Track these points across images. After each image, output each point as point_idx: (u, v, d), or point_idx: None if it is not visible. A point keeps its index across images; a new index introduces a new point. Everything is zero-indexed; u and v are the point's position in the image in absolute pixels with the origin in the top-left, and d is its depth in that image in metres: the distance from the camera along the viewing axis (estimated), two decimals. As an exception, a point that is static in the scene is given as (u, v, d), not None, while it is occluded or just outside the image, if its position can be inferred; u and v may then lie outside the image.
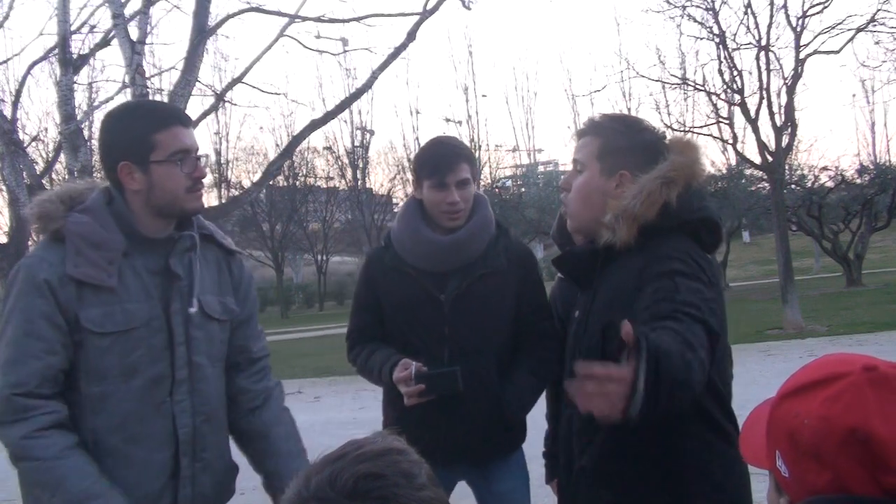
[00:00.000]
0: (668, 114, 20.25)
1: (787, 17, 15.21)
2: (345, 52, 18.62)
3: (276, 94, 26.22)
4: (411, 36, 12.43)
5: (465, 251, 2.63)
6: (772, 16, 15.13)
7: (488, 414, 2.59)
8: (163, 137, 2.03)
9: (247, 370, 2.28)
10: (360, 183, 34.84)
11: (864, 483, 1.08)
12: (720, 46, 15.47)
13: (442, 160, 2.61)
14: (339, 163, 36.65)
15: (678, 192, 1.97)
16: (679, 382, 1.58)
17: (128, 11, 14.03)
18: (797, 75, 15.15)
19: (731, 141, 16.89)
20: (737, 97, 15.74)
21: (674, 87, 18.06)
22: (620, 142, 2.05)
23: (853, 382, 1.12)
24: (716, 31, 15.43)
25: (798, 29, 15.15)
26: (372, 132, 37.24)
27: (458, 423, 2.56)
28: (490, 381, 2.60)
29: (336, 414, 10.21)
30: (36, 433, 1.89)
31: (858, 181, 23.96)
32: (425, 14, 12.42)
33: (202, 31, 12.34)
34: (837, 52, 15.90)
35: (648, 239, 1.96)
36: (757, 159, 16.05)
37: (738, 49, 15.74)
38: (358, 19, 13.94)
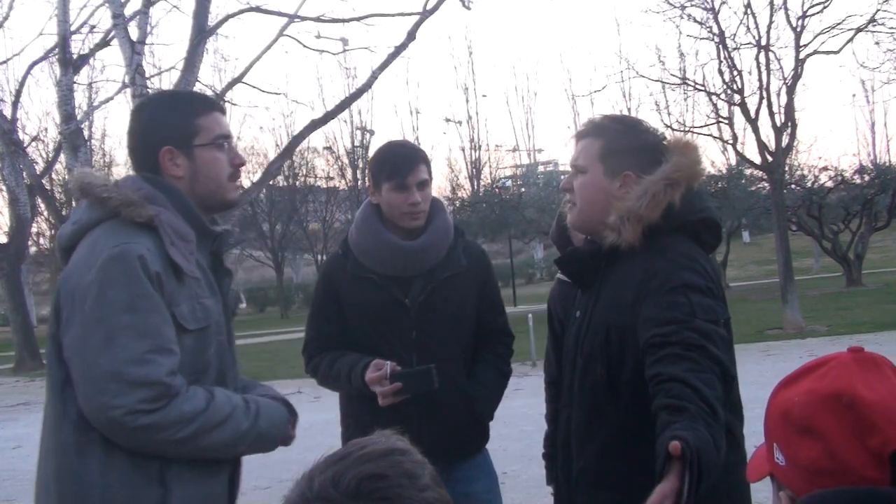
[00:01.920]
0: (668, 114, 20.22)
1: (787, 17, 15.22)
2: (345, 51, 18.65)
3: (276, 94, 26.26)
4: (411, 36, 12.44)
5: (430, 256, 2.64)
6: (772, 16, 15.13)
7: (460, 414, 2.61)
8: (205, 121, 2.01)
9: None
10: (360, 183, 34.81)
11: (853, 449, 1.12)
12: (720, 46, 15.46)
13: (402, 161, 2.62)
14: (339, 163, 36.70)
15: (681, 193, 1.98)
16: (715, 466, 1.64)
17: (128, 11, 14.01)
18: (797, 75, 15.14)
19: (731, 141, 16.88)
20: (737, 97, 15.72)
21: (674, 87, 18.04)
22: (623, 142, 2.05)
23: (840, 361, 1.21)
24: (715, 31, 15.42)
25: (798, 29, 15.15)
26: (372, 132, 37.29)
27: (431, 427, 2.54)
28: (461, 381, 2.64)
29: (336, 414, 10.16)
30: (195, 400, 1.83)
31: (858, 181, 23.94)
32: (425, 14, 12.43)
33: (202, 31, 12.33)
34: (837, 52, 15.86)
35: (652, 240, 1.96)
36: (757, 159, 16.05)
37: (738, 49, 15.74)
38: (358, 19, 13.94)
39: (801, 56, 15.15)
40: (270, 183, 26.53)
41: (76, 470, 1.83)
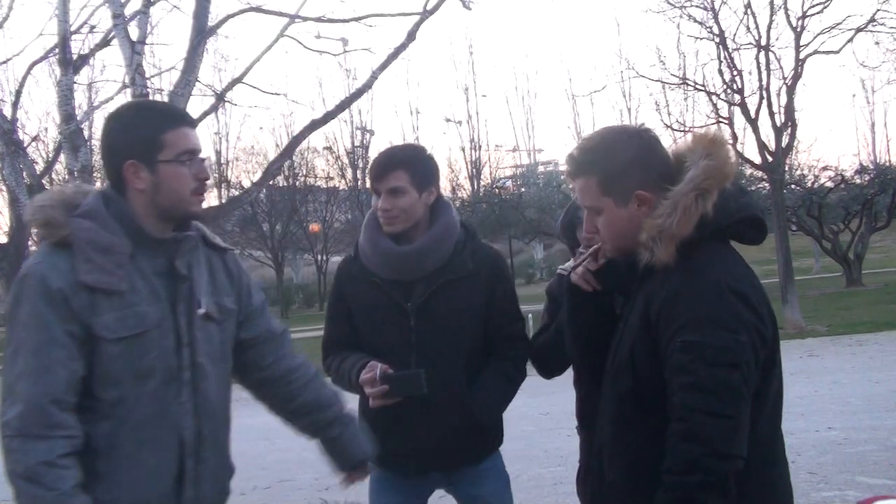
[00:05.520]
0: (668, 114, 20.21)
1: (787, 17, 15.25)
2: (345, 52, 18.59)
3: (276, 94, 26.18)
4: (411, 36, 12.42)
5: (426, 260, 2.62)
6: (772, 16, 15.16)
7: (459, 420, 2.59)
8: (171, 137, 2.04)
9: (280, 349, 2.34)
10: (360, 183, 34.82)
11: None
12: (720, 46, 15.48)
13: (376, 166, 2.67)
14: (339, 163, 36.69)
15: (713, 200, 1.88)
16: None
17: (128, 11, 14.02)
18: (797, 75, 15.17)
19: (731, 141, 16.88)
20: (737, 97, 15.75)
21: (674, 87, 18.04)
22: (614, 167, 1.96)
23: None
24: (716, 31, 15.44)
25: (798, 29, 15.18)
26: (372, 132, 37.33)
27: (429, 431, 2.55)
28: (459, 386, 2.61)
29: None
30: (56, 459, 1.89)
31: (858, 181, 23.95)
32: (425, 14, 12.40)
33: (202, 32, 12.34)
34: (837, 52, 15.90)
35: (685, 253, 1.88)
36: (757, 159, 16.08)
37: (738, 49, 15.76)
38: (358, 19, 13.92)
39: (801, 56, 15.19)
40: (270, 183, 26.50)
41: None
